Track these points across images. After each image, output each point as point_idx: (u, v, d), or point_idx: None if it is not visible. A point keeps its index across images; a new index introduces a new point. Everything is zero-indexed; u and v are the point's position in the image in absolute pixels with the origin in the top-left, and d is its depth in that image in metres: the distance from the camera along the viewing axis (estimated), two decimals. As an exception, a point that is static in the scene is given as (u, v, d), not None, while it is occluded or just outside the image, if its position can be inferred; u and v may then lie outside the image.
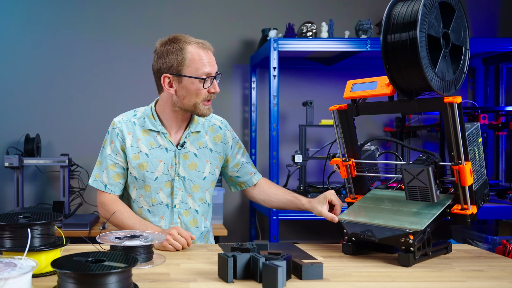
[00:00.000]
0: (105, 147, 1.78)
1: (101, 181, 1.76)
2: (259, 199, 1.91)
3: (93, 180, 1.78)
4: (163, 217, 1.75)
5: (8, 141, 3.21)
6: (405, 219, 1.40)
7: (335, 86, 3.35)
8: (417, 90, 1.41)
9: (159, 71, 1.69)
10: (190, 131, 1.76)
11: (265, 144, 3.27)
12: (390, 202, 1.54)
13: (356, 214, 1.53)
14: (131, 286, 1.05)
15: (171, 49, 1.66)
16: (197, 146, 1.78)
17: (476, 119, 2.84)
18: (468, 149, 1.38)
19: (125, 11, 3.31)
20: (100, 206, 1.78)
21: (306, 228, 3.39)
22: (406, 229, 1.35)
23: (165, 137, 1.74)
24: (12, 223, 1.19)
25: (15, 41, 3.25)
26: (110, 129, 1.78)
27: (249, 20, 3.36)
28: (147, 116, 1.77)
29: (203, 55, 1.65)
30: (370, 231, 1.42)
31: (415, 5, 1.33)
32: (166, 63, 1.66)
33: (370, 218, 1.47)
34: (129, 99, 3.28)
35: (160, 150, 1.74)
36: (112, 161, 1.75)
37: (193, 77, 1.64)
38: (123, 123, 1.76)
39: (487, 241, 2.68)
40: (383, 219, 1.44)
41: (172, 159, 1.74)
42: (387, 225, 1.40)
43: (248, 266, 1.20)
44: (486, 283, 1.21)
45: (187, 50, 1.64)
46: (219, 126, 1.84)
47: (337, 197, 1.65)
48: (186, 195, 1.76)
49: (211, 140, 1.81)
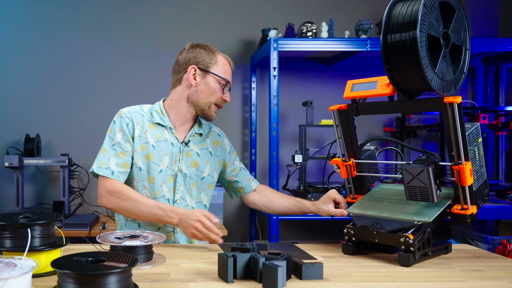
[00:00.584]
0: (111, 136, 1.75)
1: (108, 168, 1.70)
2: (261, 206, 1.93)
3: (98, 168, 1.71)
4: None
5: (8, 141, 3.20)
6: (413, 211, 1.43)
7: (335, 86, 3.35)
8: (417, 90, 1.41)
9: (187, 62, 1.79)
10: (194, 131, 1.82)
11: (265, 144, 3.27)
12: (398, 195, 1.57)
13: (365, 207, 1.55)
14: (131, 286, 1.05)
15: (203, 50, 1.80)
16: (199, 147, 1.83)
17: (476, 119, 2.84)
18: (468, 149, 1.38)
19: (125, 11, 3.31)
20: (107, 195, 1.69)
21: (306, 228, 3.39)
22: (415, 221, 1.38)
23: (172, 133, 1.79)
24: (12, 223, 1.19)
25: (15, 41, 3.25)
26: (118, 118, 1.77)
27: (249, 20, 3.36)
28: (155, 111, 1.81)
29: (228, 65, 1.83)
30: (379, 223, 1.43)
31: (415, 5, 1.33)
32: (197, 57, 1.78)
33: (378, 211, 1.49)
34: (129, 99, 3.28)
35: (166, 144, 1.77)
36: (122, 149, 1.74)
37: (219, 76, 1.77)
38: (132, 113, 1.79)
39: (487, 241, 2.68)
40: (391, 212, 1.47)
41: (177, 154, 1.77)
42: (395, 217, 1.43)
43: (248, 266, 1.20)
44: (486, 283, 1.21)
45: (217, 55, 1.81)
46: (217, 133, 1.93)
47: (340, 195, 1.68)
48: (185, 191, 1.79)
49: (211, 144, 1.87)
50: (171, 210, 1.63)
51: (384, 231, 1.41)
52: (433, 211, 1.41)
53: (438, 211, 1.40)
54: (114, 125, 1.77)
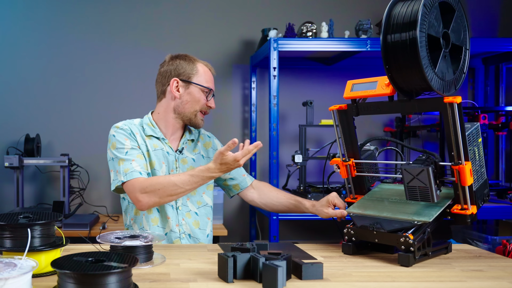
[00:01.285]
0: (120, 146, 1.74)
1: (134, 171, 1.68)
2: (260, 203, 1.94)
3: (125, 175, 1.68)
4: (170, 217, 1.78)
5: (8, 141, 3.20)
6: (413, 211, 1.43)
7: (335, 86, 3.35)
8: (417, 90, 1.41)
9: (168, 75, 1.82)
10: (186, 138, 1.86)
11: (265, 144, 3.26)
12: (398, 195, 1.57)
13: (365, 207, 1.55)
14: (131, 286, 1.05)
15: (183, 60, 1.82)
16: (193, 153, 1.87)
17: (476, 119, 2.84)
18: (468, 149, 1.38)
19: (125, 11, 3.31)
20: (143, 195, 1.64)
21: (306, 228, 3.39)
22: (415, 221, 1.38)
23: (165, 143, 1.81)
24: (12, 223, 1.19)
25: (15, 41, 3.25)
26: (118, 131, 1.77)
27: (249, 20, 3.36)
28: (145, 124, 1.83)
29: (208, 73, 1.84)
30: (379, 223, 1.44)
31: (415, 5, 1.33)
32: (178, 69, 1.80)
33: (378, 211, 1.49)
34: (129, 99, 3.29)
35: (163, 153, 1.80)
36: (138, 151, 1.75)
37: (201, 86, 1.80)
38: (127, 124, 1.81)
39: (487, 241, 2.67)
40: (391, 212, 1.47)
41: (173, 162, 1.81)
42: (395, 217, 1.43)
43: (248, 266, 1.20)
44: (486, 283, 1.21)
45: (197, 64, 1.83)
46: (207, 135, 1.97)
47: (340, 199, 1.68)
48: (185, 198, 1.81)
49: (202, 147, 1.91)
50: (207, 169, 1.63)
51: (384, 231, 1.41)
52: (433, 211, 1.41)
53: (438, 211, 1.40)
54: (116, 137, 1.76)
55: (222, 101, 3.32)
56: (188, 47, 3.24)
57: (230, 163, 1.60)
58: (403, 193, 1.51)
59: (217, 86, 3.45)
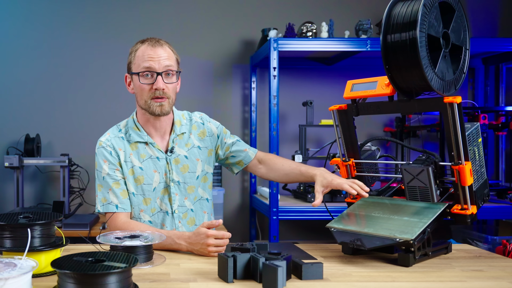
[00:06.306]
0: (99, 169, 1.72)
1: (111, 203, 1.68)
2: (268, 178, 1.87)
3: (102, 206, 1.69)
4: (164, 224, 1.73)
5: (8, 141, 3.21)
6: (396, 227, 1.37)
7: (335, 86, 3.34)
8: (417, 90, 1.41)
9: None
10: (175, 134, 1.75)
11: (265, 144, 3.27)
12: (382, 209, 1.50)
13: (346, 222, 1.49)
14: (131, 286, 1.05)
15: (129, 54, 1.72)
16: (185, 148, 1.77)
17: (476, 119, 2.85)
18: (468, 149, 1.38)
19: (125, 11, 3.31)
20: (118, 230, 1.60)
21: (306, 228, 3.38)
22: (396, 239, 1.32)
23: (153, 147, 1.73)
24: (12, 223, 1.19)
25: (15, 41, 3.25)
26: (99, 149, 1.73)
27: (249, 20, 3.36)
28: (131, 128, 1.75)
29: (146, 51, 1.66)
30: (359, 240, 1.37)
31: (415, 5, 1.33)
32: (127, 64, 1.73)
33: (360, 227, 1.43)
34: (129, 98, 3.28)
35: (152, 161, 1.72)
36: (114, 179, 1.70)
37: (133, 73, 1.68)
38: (111, 139, 1.74)
39: (487, 241, 2.67)
40: (373, 227, 1.40)
41: (165, 166, 1.73)
42: (377, 234, 1.36)
43: (248, 266, 1.20)
44: (486, 283, 1.21)
45: (137, 49, 1.69)
46: (200, 123, 1.82)
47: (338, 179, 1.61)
48: (182, 198, 1.75)
49: (196, 138, 1.80)
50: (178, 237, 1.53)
51: (364, 248, 1.36)
52: (416, 228, 1.34)
53: (422, 228, 1.34)
54: (97, 157, 1.73)
55: (222, 101, 3.33)
56: (188, 47, 3.24)
57: (201, 240, 1.46)
58: (387, 207, 1.48)
59: (217, 86, 3.49)
